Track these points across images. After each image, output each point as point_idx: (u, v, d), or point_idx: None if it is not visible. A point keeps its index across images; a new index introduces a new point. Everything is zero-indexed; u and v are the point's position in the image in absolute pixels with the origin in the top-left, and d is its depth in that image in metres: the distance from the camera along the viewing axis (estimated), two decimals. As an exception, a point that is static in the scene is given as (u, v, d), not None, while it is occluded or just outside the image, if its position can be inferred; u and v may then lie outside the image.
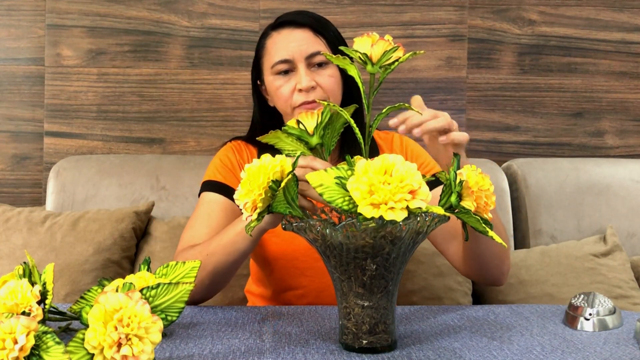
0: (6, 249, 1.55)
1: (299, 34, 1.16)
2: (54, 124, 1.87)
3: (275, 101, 1.19)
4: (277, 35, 1.18)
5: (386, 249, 0.72)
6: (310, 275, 1.20)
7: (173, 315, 0.73)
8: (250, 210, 0.74)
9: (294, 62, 1.14)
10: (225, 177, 1.19)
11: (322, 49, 1.15)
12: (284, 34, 1.17)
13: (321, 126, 0.82)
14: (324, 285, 1.20)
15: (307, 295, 1.21)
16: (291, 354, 0.76)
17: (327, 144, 0.83)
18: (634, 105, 1.98)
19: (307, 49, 1.14)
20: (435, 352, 0.76)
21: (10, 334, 0.62)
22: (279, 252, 1.19)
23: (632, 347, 0.79)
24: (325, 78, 1.15)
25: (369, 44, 0.77)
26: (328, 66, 1.16)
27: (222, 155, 1.23)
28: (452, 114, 1.91)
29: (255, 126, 1.26)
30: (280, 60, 1.14)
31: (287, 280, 1.22)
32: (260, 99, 1.25)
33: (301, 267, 1.19)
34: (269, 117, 1.24)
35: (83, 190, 1.71)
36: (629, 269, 1.62)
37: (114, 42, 1.88)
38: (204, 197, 1.17)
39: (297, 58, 1.14)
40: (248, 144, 1.25)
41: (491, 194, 0.76)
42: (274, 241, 1.19)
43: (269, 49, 1.18)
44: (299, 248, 1.18)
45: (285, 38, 1.16)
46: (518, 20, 1.95)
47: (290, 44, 1.15)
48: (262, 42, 1.21)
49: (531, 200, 1.76)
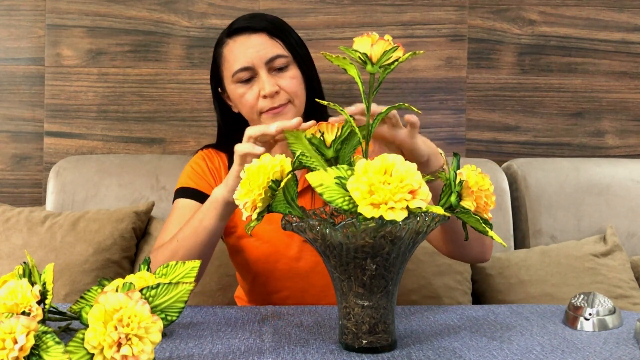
0: (6, 249, 1.55)
1: (256, 40, 1.15)
2: (54, 124, 1.87)
3: (240, 108, 1.19)
4: (233, 43, 1.17)
5: (386, 249, 0.72)
6: (292, 277, 1.20)
7: (173, 315, 0.73)
8: (250, 210, 0.74)
9: (255, 69, 1.14)
10: (197, 183, 1.21)
11: (280, 52, 1.15)
12: (240, 41, 1.16)
13: (339, 140, 0.81)
14: (307, 285, 1.20)
15: (292, 297, 1.21)
16: (291, 354, 0.76)
17: (342, 157, 0.82)
18: (634, 105, 1.98)
19: (266, 54, 1.14)
20: (435, 352, 0.76)
21: (10, 334, 0.62)
22: (258, 256, 1.20)
23: (632, 347, 0.79)
24: (288, 81, 1.15)
25: (369, 44, 0.77)
26: (288, 68, 1.16)
27: (193, 163, 1.25)
28: (452, 114, 1.93)
29: (221, 133, 1.28)
30: (241, 69, 1.14)
31: (270, 284, 1.22)
32: (222, 105, 1.26)
33: (282, 268, 1.20)
34: (234, 122, 1.25)
35: (83, 190, 1.71)
36: (629, 269, 1.62)
37: (114, 42, 1.88)
38: (177, 203, 1.19)
39: (257, 64, 1.14)
40: (218, 151, 1.27)
41: (491, 194, 0.76)
42: (253, 245, 1.19)
43: (227, 57, 1.18)
44: (278, 250, 1.19)
45: (242, 45, 1.15)
46: (518, 20, 1.95)
47: (248, 50, 1.14)
48: (219, 51, 1.20)
49: (531, 200, 1.76)
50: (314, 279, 1.20)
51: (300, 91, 1.17)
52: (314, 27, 1.89)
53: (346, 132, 0.80)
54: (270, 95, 1.13)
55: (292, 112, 1.15)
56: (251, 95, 1.15)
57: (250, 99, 1.15)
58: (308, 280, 1.20)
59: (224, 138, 1.28)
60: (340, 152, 0.81)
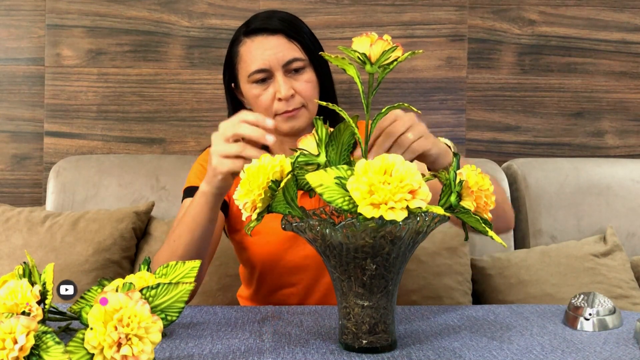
0: (6, 249, 1.55)
1: (273, 41, 1.15)
2: (54, 124, 1.87)
3: (255, 108, 1.19)
4: (250, 43, 1.16)
5: (386, 249, 0.72)
6: (297, 273, 1.20)
7: (173, 315, 0.73)
8: (250, 210, 0.74)
9: (271, 71, 1.14)
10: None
11: (297, 55, 1.15)
12: (258, 41, 1.16)
13: (322, 145, 0.80)
14: (312, 283, 1.20)
15: (297, 294, 1.22)
16: (291, 354, 0.76)
17: (333, 160, 0.81)
18: (634, 105, 1.98)
19: (284, 57, 1.14)
20: (435, 352, 0.76)
21: (10, 334, 0.62)
22: (263, 253, 1.20)
23: (632, 347, 0.79)
24: (303, 84, 1.15)
25: (368, 44, 0.77)
26: (304, 71, 1.16)
27: (202, 161, 1.25)
28: (452, 114, 1.93)
29: None
30: (257, 70, 1.14)
31: (275, 281, 1.22)
32: (234, 100, 1.25)
33: (287, 266, 1.20)
34: None
35: (83, 190, 1.71)
36: (629, 269, 1.62)
37: (114, 42, 1.88)
38: (185, 203, 1.19)
39: (274, 66, 1.14)
40: None
41: (491, 194, 0.76)
42: (257, 242, 1.19)
43: (243, 57, 1.17)
44: (283, 248, 1.19)
45: (259, 46, 1.15)
46: (518, 20, 1.95)
47: (266, 52, 1.14)
48: (235, 49, 1.20)
49: (531, 200, 1.76)
50: (319, 277, 1.20)
51: (315, 95, 1.18)
52: (314, 27, 1.88)
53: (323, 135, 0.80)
54: (286, 98, 1.13)
55: (305, 116, 1.15)
56: (266, 97, 1.15)
57: (266, 100, 1.15)
58: (313, 278, 1.20)
59: None
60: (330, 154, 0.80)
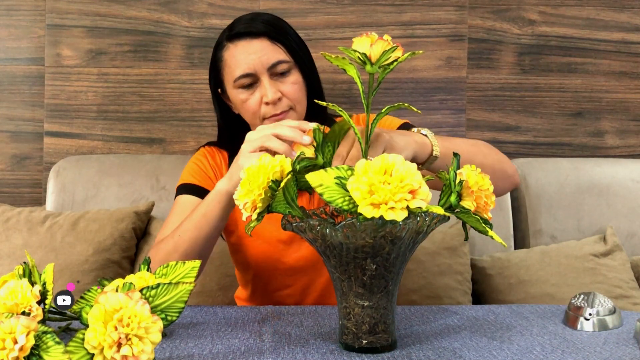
0: (6, 249, 1.55)
1: (257, 45, 1.14)
2: (54, 124, 1.87)
3: (242, 113, 1.19)
4: (234, 48, 1.16)
5: (386, 249, 0.72)
6: (292, 275, 1.20)
7: (173, 315, 0.73)
8: (250, 210, 0.74)
9: (257, 75, 1.14)
10: (199, 180, 1.21)
11: (282, 57, 1.14)
12: (241, 46, 1.15)
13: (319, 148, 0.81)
14: (308, 283, 1.20)
15: (293, 295, 1.22)
16: (291, 354, 0.76)
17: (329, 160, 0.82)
18: (634, 105, 1.98)
19: (268, 60, 1.13)
20: (435, 352, 0.76)
21: (10, 334, 0.62)
22: (259, 254, 1.20)
23: (632, 347, 0.79)
24: (289, 86, 1.15)
25: (368, 44, 0.77)
26: (290, 73, 1.16)
27: (196, 159, 1.26)
28: (452, 113, 1.93)
29: (222, 132, 1.28)
30: (243, 75, 1.13)
31: (271, 282, 1.22)
32: (222, 105, 1.25)
33: (283, 267, 1.20)
34: (234, 121, 1.25)
35: (83, 190, 1.71)
36: (629, 269, 1.62)
37: (114, 42, 1.88)
38: (179, 199, 1.19)
39: (259, 70, 1.13)
40: (220, 149, 1.28)
41: (491, 193, 0.76)
42: (254, 244, 1.19)
43: (228, 62, 1.17)
44: (278, 249, 1.19)
45: (243, 51, 1.14)
46: (518, 20, 1.95)
47: (250, 56, 1.13)
48: (219, 54, 1.19)
49: (531, 200, 1.76)
50: (315, 278, 1.20)
51: (302, 96, 1.17)
52: (314, 27, 1.89)
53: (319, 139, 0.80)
54: (273, 102, 1.13)
55: (293, 119, 1.15)
56: (253, 101, 1.15)
57: (253, 104, 1.15)
58: (309, 279, 1.21)
59: (225, 136, 1.28)
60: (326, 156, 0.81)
